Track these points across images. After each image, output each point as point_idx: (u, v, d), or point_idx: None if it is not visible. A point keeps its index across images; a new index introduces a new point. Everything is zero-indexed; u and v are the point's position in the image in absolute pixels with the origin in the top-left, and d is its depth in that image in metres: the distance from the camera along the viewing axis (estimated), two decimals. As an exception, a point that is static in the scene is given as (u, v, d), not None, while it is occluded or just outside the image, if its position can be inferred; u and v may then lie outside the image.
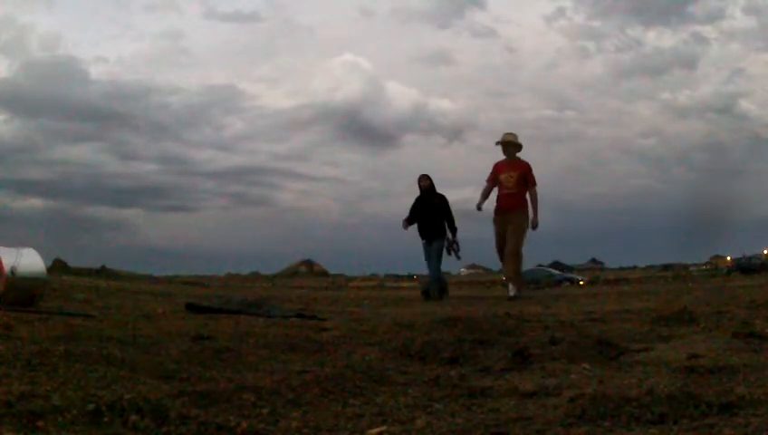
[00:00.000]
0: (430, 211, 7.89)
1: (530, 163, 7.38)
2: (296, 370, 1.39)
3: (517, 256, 7.10)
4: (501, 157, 7.39)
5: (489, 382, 1.31)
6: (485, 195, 7.40)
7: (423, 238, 7.91)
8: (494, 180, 7.41)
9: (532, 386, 1.23)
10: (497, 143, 7.36)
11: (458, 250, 7.96)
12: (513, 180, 7.18)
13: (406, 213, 7.83)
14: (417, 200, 7.99)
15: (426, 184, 8.03)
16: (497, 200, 7.25)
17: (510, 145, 7.39)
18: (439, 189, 7.99)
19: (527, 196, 7.20)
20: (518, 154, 7.46)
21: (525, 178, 7.21)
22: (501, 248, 7.13)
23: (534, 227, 7.09)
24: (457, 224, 7.83)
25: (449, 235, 7.92)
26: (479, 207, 7.30)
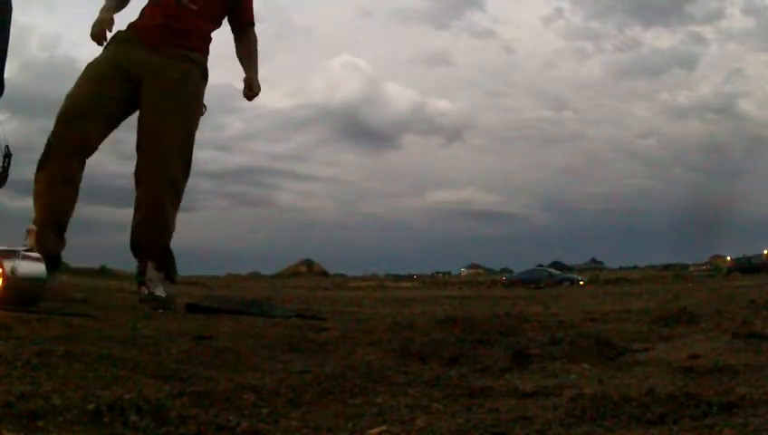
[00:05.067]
0: None
1: None
2: (296, 370, 1.39)
3: (177, 192, 2.94)
4: None
5: (489, 382, 1.31)
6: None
7: None
8: None
9: (532, 386, 1.23)
10: None
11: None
12: None
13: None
14: None
15: None
16: (144, 17, 3.00)
17: None
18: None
19: (211, 36, 3.12)
20: None
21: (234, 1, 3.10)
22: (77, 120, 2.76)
23: (256, 89, 3.14)
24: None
25: None
26: (100, 41, 2.83)
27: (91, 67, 2.91)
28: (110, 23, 2.88)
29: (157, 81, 2.89)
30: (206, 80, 3.13)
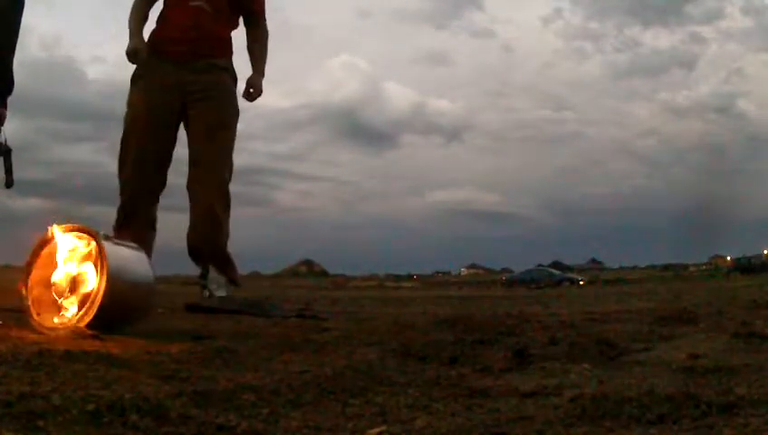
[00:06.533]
0: None
1: None
2: (296, 370, 1.39)
3: (226, 197, 3.01)
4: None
5: (489, 382, 1.31)
6: (142, 16, 2.94)
7: None
8: None
9: (532, 386, 1.23)
10: None
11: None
12: None
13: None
14: None
15: None
16: (164, 24, 2.96)
17: None
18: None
19: (231, 34, 3.09)
20: None
21: None
22: (144, 173, 2.88)
23: (257, 93, 3.09)
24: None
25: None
26: (135, 53, 2.81)
27: (138, 105, 2.94)
28: (146, 50, 2.92)
29: (196, 98, 2.95)
30: (236, 82, 3.13)
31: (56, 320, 1.75)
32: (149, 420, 0.87)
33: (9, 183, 3.12)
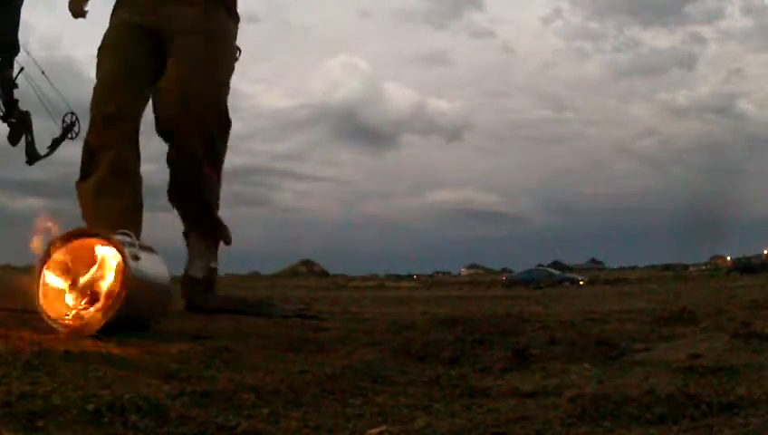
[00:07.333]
0: None
1: None
2: (296, 370, 1.39)
3: (210, 142, 2.56)
4: None
5: (489, 382, 1.31)
6: None
7: None
8: None
9: (532, 386, 1.23)
10: None
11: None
12: None
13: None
14: None
15: None
16: None
17: None
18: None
19: None
20: None
21: None
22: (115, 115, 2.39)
23: None
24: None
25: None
26: (79, 16, 2.66)
27: (107, 38, 2.52)
28: (83, 2, 2.60)
29: (176, 32, 2.49)
30: (236, 20, 2.68)
31: (59, 320, 1.76)
32: (149, 420, 0.87)
33: (31, 160, 2.93)
